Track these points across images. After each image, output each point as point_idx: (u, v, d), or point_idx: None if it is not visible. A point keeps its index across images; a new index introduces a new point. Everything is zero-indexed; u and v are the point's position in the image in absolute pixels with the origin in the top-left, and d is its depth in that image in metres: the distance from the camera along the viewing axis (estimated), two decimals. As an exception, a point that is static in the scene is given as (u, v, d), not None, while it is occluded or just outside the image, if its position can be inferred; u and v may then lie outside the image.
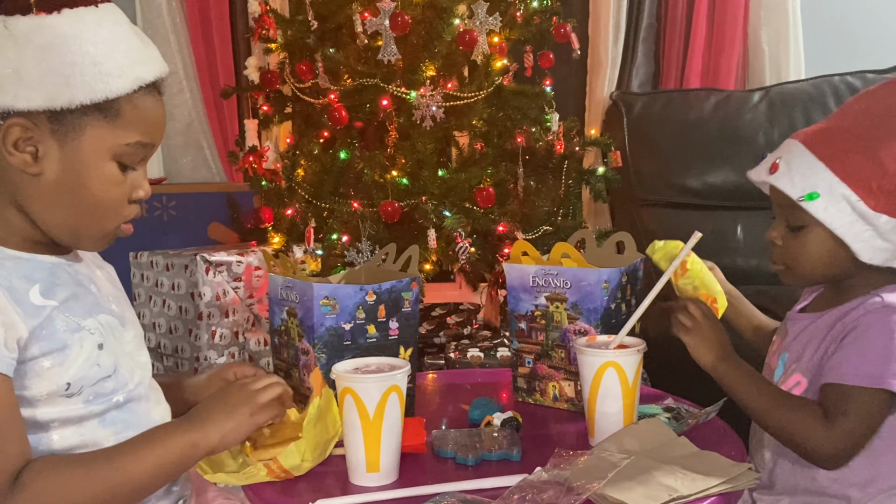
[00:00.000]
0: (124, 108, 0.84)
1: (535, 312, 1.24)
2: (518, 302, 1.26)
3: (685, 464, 0.94)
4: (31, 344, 0.80)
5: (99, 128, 0.83)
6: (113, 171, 0.86)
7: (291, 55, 2.05)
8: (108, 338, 0.88)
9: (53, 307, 0.83)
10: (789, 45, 2.62)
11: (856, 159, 1.00)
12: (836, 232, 1.01)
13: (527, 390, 1.29)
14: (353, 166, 1.94)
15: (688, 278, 1.13)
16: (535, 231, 1.99)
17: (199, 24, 2.80)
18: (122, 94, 0.83)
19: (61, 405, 0.83)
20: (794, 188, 1.02)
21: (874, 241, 1.00)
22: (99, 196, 0.85)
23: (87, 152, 0.84)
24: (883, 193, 0.99)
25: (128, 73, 0.84)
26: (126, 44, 0.85)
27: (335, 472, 1.01)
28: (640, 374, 1.07)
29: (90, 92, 0.81)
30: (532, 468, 0.95)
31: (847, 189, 0.99)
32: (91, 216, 0.86)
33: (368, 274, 1.30)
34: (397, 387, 0.96)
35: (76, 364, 0.83)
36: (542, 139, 2.07)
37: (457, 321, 2.27)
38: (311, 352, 1.12)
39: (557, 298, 1.22)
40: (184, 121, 2.82)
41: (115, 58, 0.83)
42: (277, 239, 2.02)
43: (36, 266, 0.86)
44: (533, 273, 1.24)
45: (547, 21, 2.07)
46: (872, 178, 0.99)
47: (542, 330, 1.24)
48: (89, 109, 0.82)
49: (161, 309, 2.00)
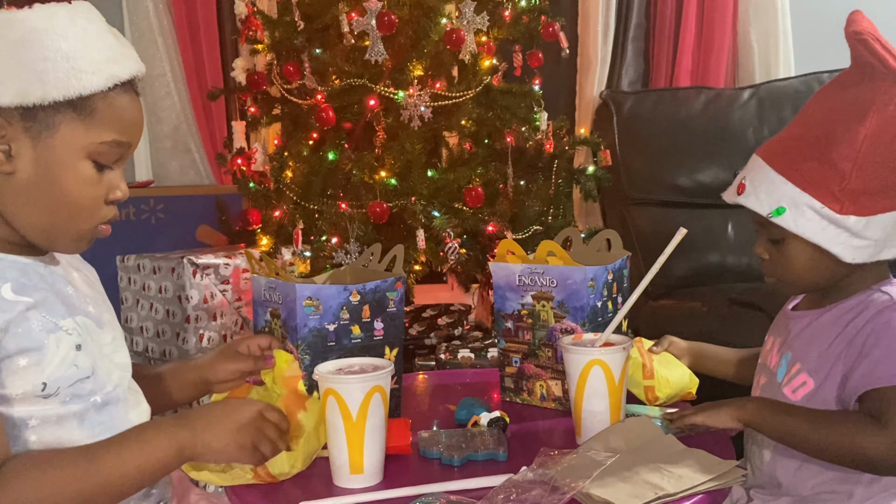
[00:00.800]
0: (99, 106, 0.83)
1: (522, 311, 1.24)
2: (504, 301, 1.25)
3: (671, 462, 0.93)
4: (4, 339, 0.79)
5: (73, 126, 0.82)
6: (88, 171, 0.84)
7: (279, 56, 2.05)
8: (86, 339, 0.87)
9: (28, 304, 0.82)
10: (779, 43, 2.62)
11: (811, 167, 1.01)
12: (812, 240, 1.01)
13: (514, 390, 1.28)
14: (342, 167, 1.93)
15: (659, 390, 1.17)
16: (526, 231, 1.99)
17: (187, 26, 2.79)
18: (96, 90, 0.82)
19: (38, 405, 0.82)
20: (762, 206, 1.03)
21: (851, 241, 1.00)
22: (73, 195, 0.84)
23: (62, 150, 0.82)
24: (845, 195, 0.99)
25: (102, 69, 0.82)
26: (100, 41, 0.84)
27: (319, 474, 1.00)
28: (626, 371, 1.06)
29: (63, 88, 0.80)
30: (518, 468, 0.94)
31: (810, 198, 1.00)
32: (65, 216, 0.85)
33: (354, 274, 1.29)
34: (381, 387, 0.95)
35: (52, 364, 0.82)
36: (532, 139, 2.07)
37: (448, 322, 2.26)
38: (295, 353, 1.11)
39: (544, 297, 1.21)
40: (171, 123, 2.81)
41: (89, 54, 0.82)
42: (266, 241, 2.00)
43: (8, 265, 0.84)
44: (519, 272, 1.23)
45: (535, 20, 2.07)
46: (832, 183, 1.00)
47: (529, 329, 1.23)
48: (63, 106, 0.81)
49: (149, 312, 1.99)
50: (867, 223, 1.00)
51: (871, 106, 0.99)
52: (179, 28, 2.79)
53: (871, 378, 0.97)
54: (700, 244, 2.35)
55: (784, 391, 1.06)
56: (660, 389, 1.17)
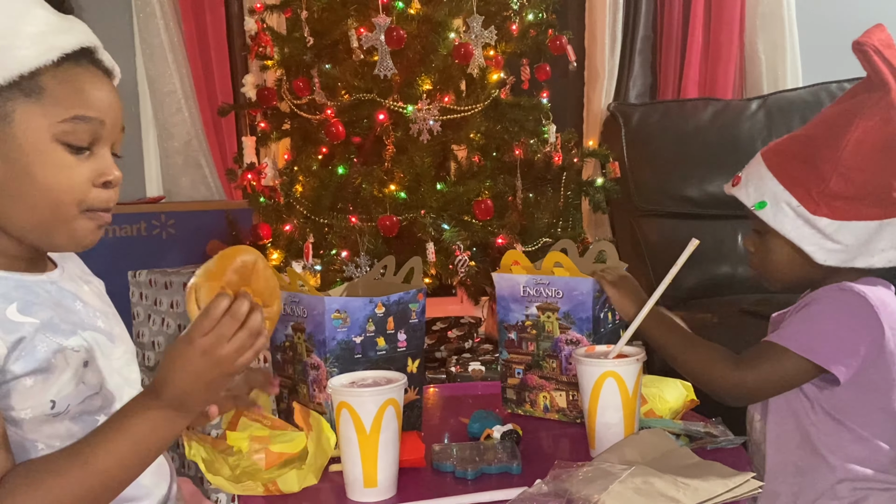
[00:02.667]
0: (48, 83, 0.78)
1: (526, 322, 1.23)
2: (508, 312, 1.25)
3: (687, 474, 0.93)
4: (10, 361, 0.77)
5: (27, 109, 0.78)
6: (59, 155, 0.79)
7: (288, 72, 2.06)
8: (95, 354, 0.85)
9: (34, 325, 0.80)
10: (786, 54, 2.62)
11: (796, 167, 1.07)
12: (788, 236, 1.07)
13: (516, 402, 1.28)
14: (351, 181, 1.93)
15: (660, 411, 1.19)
16: (535, 243, 1.99)
17: (197, 43, 2.82)
18: (37, 66, 0.77)
19: (48, 424, 0.80)
20: (749, 198, 1.10)
21: (823, 243, 1.05)
22: (49, 183, 0.79)
23: (23, 139, 0.78)
24: (822, 197, 1.04)
25: (38, 42, 0.78)
26: (31, 15, 0.79)
27: (332, 488, 1.00)
28: (640, 383, 1.06)
29: (2, 70, 0.76)
30: (532, 481, 0.94)
31: (789, 195, 1.06)
32: (49, 208, 0.80)
33: (367, 287, 1.29)
34: (394, 400, 0.95)
35: (59, 382, 0.80)
36: (540, 151, 2.07)
37: (458, 335, 2.26)
38: (323, 367, 1.10)
39: (549, 308, 1.21)
40: (182, 139, 2.83)
41: (22, 30, 0.77)
42: (276, 255, 2.01)
43: (14, 284, 0.82)
44: (524, 283, 1.23)
45: (543, 34, 2.08)
46: (811, 184, 1.05)
47: (533, 340, 1.23)
48: (9, 91, 0.77)
49: (160, 327, 2.00)
50: (839, 227, 1.04)
51: (858, 114, 1.04)
52: (189, 45, 2.82)
53: (775, 335, 1.05)
54: (710, 255, 2.35)
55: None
56: (660, 409, 1.18)
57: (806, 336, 1.02)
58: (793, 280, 1.12)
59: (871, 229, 1.04)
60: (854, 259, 1.05)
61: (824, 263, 1.06)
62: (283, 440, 1.02)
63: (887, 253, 1.05)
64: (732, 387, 1.05)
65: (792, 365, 1.03)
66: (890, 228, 1.04)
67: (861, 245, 1.05)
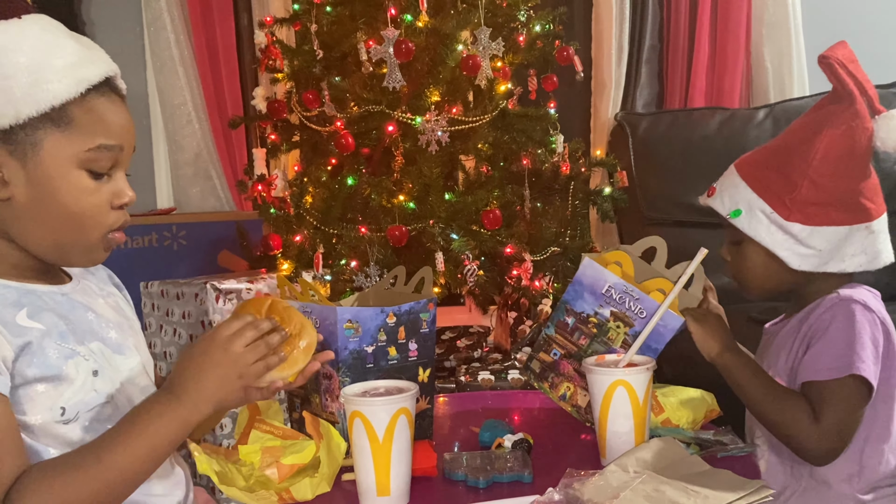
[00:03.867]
0: (76, 114, 0.82)
1: (591, 318, 1.19)
2: (578, 299, 1.20)
3: (697, 482, 0.93)
4: (20, 366, 0.79)
5: (55, 139, 0.82)
6: (83, 181, 0.83)
7: (298, 84, 2.08)
8: (103, 364, 0.87)
9: (42, 331, 0.82)
10: (792, 62, 2.63)
11: (768, 175, 1.11)
12: (762, 243, 1.11)
13: (538, 376, 1.25)
14: (361, 192, 1.95)
15: (677, 420, 1.18)
16: (543, 252, 2.00)
17: (207, 56, 2.85)
18: (67, 98, 0.81)
19: (59, 430, 0.82)
20: (724, 207, 1.15)
21: (797, 248, 1.09)
22: (72, 208, 0.83)
23: (51, 166, 0.82)
24: (794, 204, 1.09)
25: (68, 75, 0.81)
26: (60, 48, 0.83)
27: (345, 497, 1.01)
28: (650, 392, 1.07)
29: (33, 103, 0.80)
30: (544, 490, 0.94)
31: (763, 203, 1.10)
32: (71, 230, 0.84)
33: (378, 297, 1.31)
34: (406, 409, 0.96)
35: (71, 389, 0.82)
36: (548, 161, 2.09)
37: (467, 344, 2.26)
38: (335, 376, 1.11)
39: (624, 319, 1.17)
40: (193, 151, 2.85)
41: (51, 63, 0.81)
42: (286, 265, 2.03)
43: (25, 293, 0.85)
44: (612, 282, 1.17)
45: (550, 45, 2.10)
46: (784, 192, 1.09)
47: (589, 336, 1.20)
48: (39, 122, 0.81)
49: (172, 338, 2.01)
50: (811, 232, 1.08)
51: (825, 124, 1.09)
52: (200, 58, 2.85)
53: (809, 370, 1.05)
54: (717, 264, 2.34)
55: None
56: (677, 419, 1.18)
57: (845, 358, 1.03)
58: (769, 287, 1.15)
59: (840, 234, 1.09)
60: (826, 264, 1.09)
61: (798, 268, 1.10)
62: (294, 451, 1.02)
63: (857, 258, 1.09)
64: (818, 441, 1.02)
65: (850, 391, 1.03)
66: (858, 234, 1.09)
67: (833, 250, 1.09)
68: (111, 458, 0.79)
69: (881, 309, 1.09)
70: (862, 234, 1.09)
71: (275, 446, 1.03)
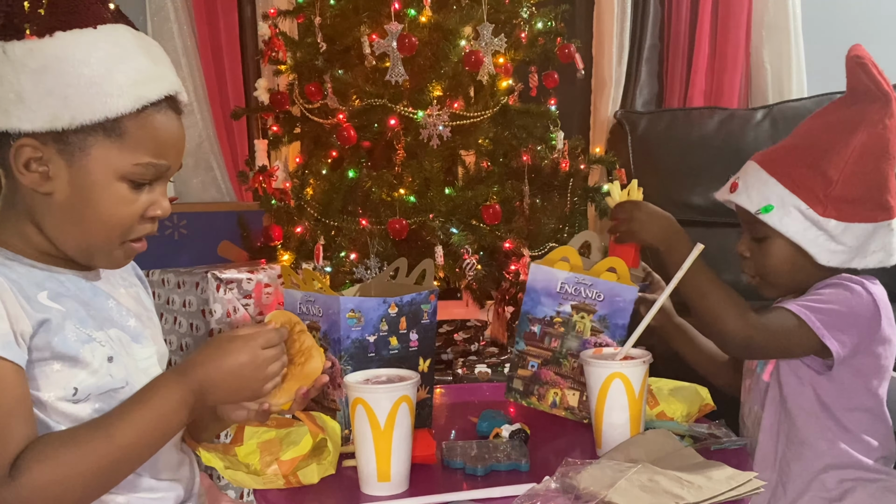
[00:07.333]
0: (130, 128, 0.84)
1: (555, 318, 1.22)
2: (536, 305, 1.24)
3: (691, 472, 0.95)
4: (37, 341, 0.81)
5: (105, 148, 0.84)
6: (122, 191, 0.86)
7: (301, 76, 2.09)
8: (119, 351, 0.89)
9: (62, 313, 0.84)
10: (791, 64, 2.65)
11: (802, 172, 1.12)
12: (793, 239, 1.12)
13: (523, 393, 1.28)
14: (362, 185, 1.97)
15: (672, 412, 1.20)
16: (542, 248, 2.01)
17: (210, 47, 2.85)
18: (123, 113, 0.83)
19: (70, 407, 0.84)
20: (752, 203, 1.15)
21: (828, 244, 1.11)
22: (108, 216, 0.86)
23: (95, 172, 0.84)
24: (829, 200, 1.10)
25: (128, 92, 0.83)
26: (127, 64, 0.84)
27: (346, 483, 1.03)
28: (646, 385, 1.09)
29: (90, 112, 0.82)
30: (540, 478, 0.96)
31: (797, 199, 1.11)
32: (101, 235, 0.87)
33: (379, 289, 1.32)
34: (407, 397, 0.98)
35: (85, 371, 0.84)
36: (548, 157, 2.10)
37: (464, 338, 2.28)
38: (337, 364, 1.13)
39: (585, 309, 1.20)
40: (194, 141, 2.86)
41: (114, 78, 0.83)
42: (287, 256, 2.04)
43: (48, 277, 0.87)
44: (563, 279, 1.21)
45: (551, 42, 2.11)
46: (818, 188, 1.10)
47: (559, 337, 1.23)
48: (93, 129, 0.83)
49: (172, 326, 2.03)
50: (845, 229, 1.10)
51: (862, 123, 1.10)
52: (203, 49, 2.85)
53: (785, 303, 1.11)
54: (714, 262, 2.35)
55: (763, 378, 1.17)
56: (672, 412, 1.19)
57: (812, 309, 1.08)
58: (791, 284, 1.16)
59: (868, 231, 1.11)
60: (851, 260, 1.12)
61: (827, 264, 1.12)
62: (291, 442, 1.02)
63: (878, 254, 1.12)
64: (741, 339, 1.09)
65: (796, 331, 1.07)
66: (882, 231, 1.12)
67: (859, 246, 1.11)
68: (119, 434, 0.81)
69: (880, 294, 1.12)
70: (885, 232, 1.12)
71: (270, 439, 1.02)
